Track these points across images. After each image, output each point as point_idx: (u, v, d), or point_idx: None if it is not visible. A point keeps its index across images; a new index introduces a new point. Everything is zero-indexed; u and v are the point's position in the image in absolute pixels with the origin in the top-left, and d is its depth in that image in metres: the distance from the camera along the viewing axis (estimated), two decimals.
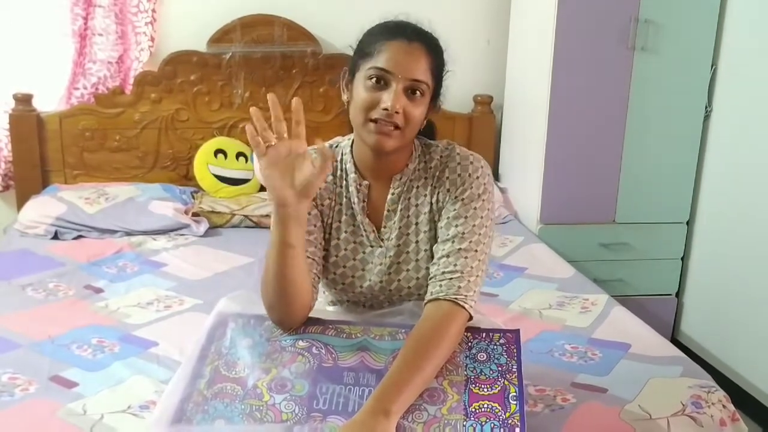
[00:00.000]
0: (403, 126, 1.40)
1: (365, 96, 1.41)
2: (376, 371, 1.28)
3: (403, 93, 1.39)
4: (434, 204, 1.51)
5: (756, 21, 2.81)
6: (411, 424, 1.19)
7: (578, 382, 1.85)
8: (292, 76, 3.25)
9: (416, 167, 1.53)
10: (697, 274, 3.17)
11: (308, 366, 1.29)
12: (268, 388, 1.24)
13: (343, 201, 1.54)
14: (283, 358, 1.30)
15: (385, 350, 1.33)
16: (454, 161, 1.50)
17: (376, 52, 1.41)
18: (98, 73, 3.13)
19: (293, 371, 1.27)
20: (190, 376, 1.30)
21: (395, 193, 1.52)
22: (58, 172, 3.17)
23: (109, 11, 3.07)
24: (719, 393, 1.80)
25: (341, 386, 1.25)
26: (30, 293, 2.31)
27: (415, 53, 1.40)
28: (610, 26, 2.90)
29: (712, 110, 3.04)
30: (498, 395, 1.24)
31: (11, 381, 1.77)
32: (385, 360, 1.31)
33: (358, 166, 1.53)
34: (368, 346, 1.33)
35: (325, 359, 1.30)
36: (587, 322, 2.24)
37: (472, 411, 1.21)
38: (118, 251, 2.67)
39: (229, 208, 3.01)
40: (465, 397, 1.24)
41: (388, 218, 1.53)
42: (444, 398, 1.24)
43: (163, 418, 1.19)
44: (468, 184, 1.48)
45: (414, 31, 1.44)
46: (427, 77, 1.42)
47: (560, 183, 3.04)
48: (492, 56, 3.45)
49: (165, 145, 3.23)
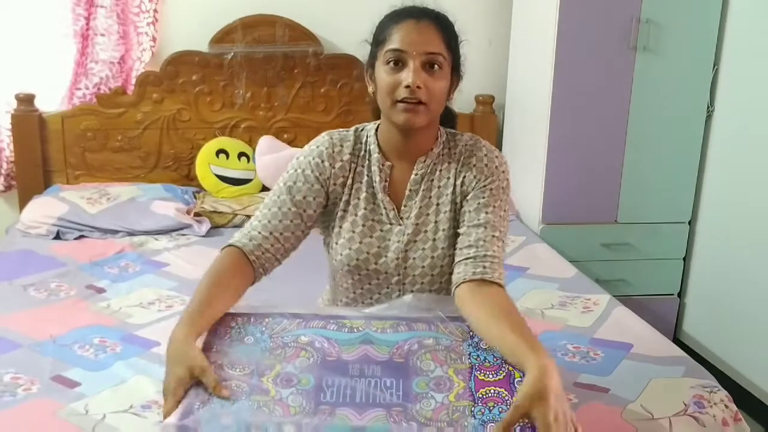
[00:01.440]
0: (428, 101, 1.45)
1: (387, 79, 1.46)
2: (381, 363, 1.29)
3: (422, 68, 1.44)
4: (458, 186, 1.55)
5: (758, 21, 2.80)
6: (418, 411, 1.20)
7: (580, 382, 1.85)
8: (294, 76, 3.26)
9: (441, 151, 1.58)
10: (699, 274, 3.17)
11: (312, 360, 1.29)
12: (273, 383, 1.24)
13: (364, 179, 1.57)
14: (286, 354, 1.30)
15: (388, 342, 1.33)
16: (481, 151, 1.56)
17: (389, 37, 1.47)
18: (100, 74, 3.14)
19: (297, 366, 1.27)
20: None
21: (419, 174, 1.56)
22: (60, 172, 3.18)
23: (111, 11, 3.08)
24: (721, 393, 1.80)
25: (347, 378, 1.25)
26: (32, 293, 2.31)
27: (425, 29, 1.46)
28: (612, 26, 2.90)
29: (713, 110, 3.04)
30: (503, 381, 1.25)
31: (13, 381, 1.77)
32: (388, 351, 1.31)
33: (382, 148, 1.57)
34: (371, 339, 1.34)
35: (329, 353, 1.31)
36: (589, 322, 2.23)
37: (479, 397, 1.22)
38: (120, 251, 2.67)
39: (231, 208, 3.02)
40: (471, 384, 1.25)
41: (410, 197, 1.56)
42: (450, 386, 1.24)
43: (170, 417, 1.19)
44: (496, 176, 1.54)
45: (421, 11, 1.49)
46: (442, 49, 1.46)
47: (562, 183, 3.03)
48: (494, 56, 3.45)
49: (167, 145, 3.23)
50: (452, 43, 1.50)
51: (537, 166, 3.06)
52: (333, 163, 1.56)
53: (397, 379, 1.25)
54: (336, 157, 1.56)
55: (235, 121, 3.27)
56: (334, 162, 1.56)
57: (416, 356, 1.30)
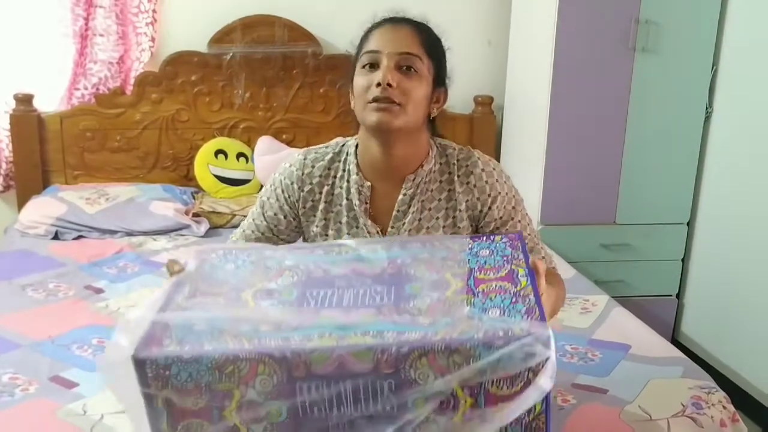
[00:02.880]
0: (403, 102, 1.37)
1: (360, 81, 1.41)
2: (371, 275, 1.19)
3: (396, 69, 1.38)
4: (461, 211, 1.48)
5: (757, 22, 2.80)
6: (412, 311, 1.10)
7: (578, 383, 1.85)
8: (293, 76, 3.26)
9: (432, 168, 1.49)
10: (697, 275, 3.17)
11: (296, 279, 1.19)
12: (253, 297, 1.15)
13: (344, 203, 1.50)
14: (268, 274, 1.21)
15: (380, 259, 1.24)
16: (478, 167, 1.48)
17: (366, 41, 1.43)
18: (99, 74, 3.13)
19: (280, 283, 1.18)
20: (166, 295, 1.18)
21: (407, 194, 1.48)
22: (59, 172, 3.17)
23: (110, 12, 3.08)
24: (719, 394, 1.80)
25: (333, 289, 1.16)
26: (30, 293, 2.31)
27: (401, 31, 1.41)
28: (611, 27, 2.90)
29: (712, 111, 3.04)
30: (506, 276, 1.16)
31: (11, 381, 1.77)
32: (381, 266, 1.22)
33: (361, 168, 1.49)
34: (361, 258, 1.25)
35: (314, 271, 1.21)
36: (587, 322, 2.24)
37: (479, 291, 1.13)
38: (119, 251, 2.67)
39: (230, 209, 3.02)
40: (471, 282, 1.16)
41: (397, 219, 1.49)
42: (447, 286, 1.15)
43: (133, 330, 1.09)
44: (499, 188, 1.49)
45: (401, 18, 1.45)
46: (418, 51, 1.39)
47: (561, 184, 3.03)
48: (493, 57, 3.45)
49: (165, 146, 3.23)
50: (432, 49, 1.43)
51: (536, 166, 3.06)
52: (302, 186, 1.51)
53: (389, 286, 1.17)
54: (305, 180, 1.51)
55: (234, 122, 3.27)
56: (303, 185, 1.51)
57: (410, 267, 1.21)
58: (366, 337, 1.03)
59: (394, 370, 1.02)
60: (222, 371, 1.04)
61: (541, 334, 1.00)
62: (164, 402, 1.06)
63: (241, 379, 1.04)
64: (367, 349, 1.02)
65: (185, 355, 1.03)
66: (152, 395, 1.05)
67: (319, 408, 1.05)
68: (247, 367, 1.03)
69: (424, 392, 1.03)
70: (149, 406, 1.06)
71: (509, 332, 1.01)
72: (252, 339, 1.05)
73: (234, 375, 1.04)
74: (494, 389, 1.04)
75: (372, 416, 1.04)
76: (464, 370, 1.01)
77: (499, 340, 1.01)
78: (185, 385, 1.04)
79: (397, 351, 1.02)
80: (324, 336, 1.04)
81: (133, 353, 1.02)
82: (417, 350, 1.02)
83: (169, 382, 1.04)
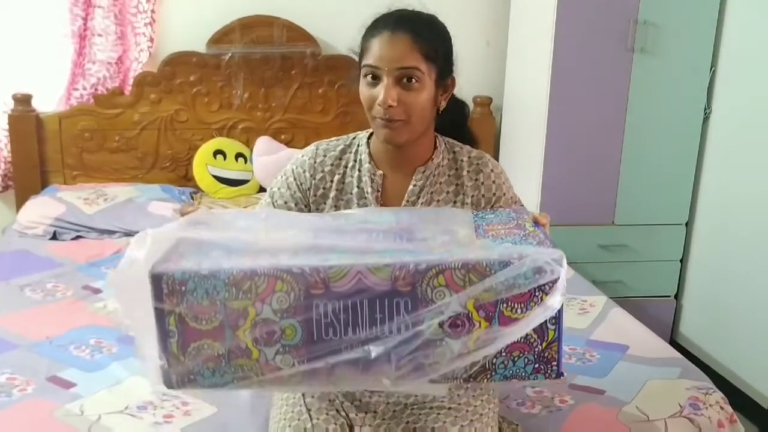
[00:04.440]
0: (406, 117, 1.41)
1: (365, 93, 1.44)
2: (381, 230, 1.20)
3: (397, 83, 1.40)
4: (467, 205, 1.53)
5: (755, 23, 2.81)
6: None
7: (576, 384, 1.85)
8: (292, 77, 3.25)
9: (440, 162, 1.55)
10: (696, 276, 3.17)
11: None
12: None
13: (354, 191, 1.54)
14: (257, 288, 1.06)
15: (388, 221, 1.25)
16: (488, 167, 1.55)
17: (366, 50, 1.44)
18: (97, 74, 3.13)
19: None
20: (183, 225, 1.14)
21: (417, 185, 1.53)
22: (57, 172, 3.17)
23: (109, 12, 3.07)
24: (717, 395, 1.80)
25: (345, 235, 1.16)
26: (28, 294, 2.31)
27: (399, 42, 1.40)
28: (610, 28, 2.90)
29: (711, 112, 3.04)
30: (514, 227, 1.22)
31: (9, 381, 1.77)
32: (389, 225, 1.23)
33: (374, 157, 1.54)
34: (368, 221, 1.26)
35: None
36: (586, 323, 2.24)
37: (490, 235, 1.18)
38: (117, 252, 2.67)
39: (228, 209, 3.01)
40: (480, 230, 1.22)
41: (406, 207, 1.54)
42: (457, 232, 1.19)
43: None
44: (504, 190, 1.55)
45: (398, 20, 1.44)
46: (417, 62, 1.40)
47: (559, 184, 3.03)
48: (491, 57, 3.45)
49: (164, 146, 3.23)
50: (432, 52, 1.42)
51: (534, 167, 3.06)
52: (314, 174, 1.54)
53: (400, 234, 1.19)
54: (317, 168, 1.54)
55: (232, 122, 3.27)
56: (315, 173, 1.54)
57: (418, 224, 1.24)
58: (384, 258, 1.06)
59: (411, 287, 1.04)
60: (239, 287, 1.03)
61: (553, 253, 1.06)
62: (177, 320, 1.04)
63: (257, 295, 1.03)
64: (385, 265, 1.04)
65: (203, 270, 1.03)
66: (165, 311, 1.04)
67: (335, 329, 1.05)
68: (265, 284, 1.03)
69: (440, 311, 1.04)
70: (160, 325, 1.04)
71: (523, 253, 1.06)
72: (270, 260, 1.04)
73: (251, 291, 1.03)
74: (508, 312, 1.05)
75: (386, 336, 1.05)
76: (478, 285, 1.03)
77: (514, 258, 1.05)
78: (200, 301, 1.03)
79: (414, 268, 1.04)
80: (342, 257, 1.05)
81: (150, 268, 1.01)
82: (434, 268, 1.04)
83: (185, 297, 1.03)
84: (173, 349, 1.04)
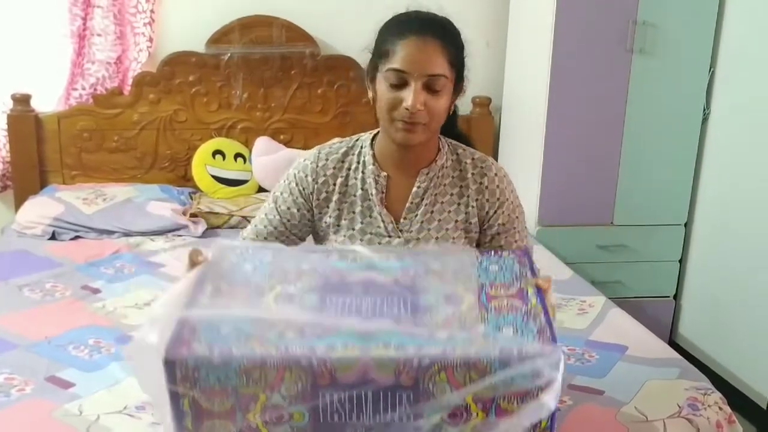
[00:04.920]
0: (427, 120, 1.43)
1: (388, 96, 1.42)
2: (385, 284, 1.24)
3: (423, 89, 1.40)
4: (472, 208, 1.55)
5: (754, 24, 2.81)
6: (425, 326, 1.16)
7: (575, 384, 1.85)
8: (291, 77, 3.25)
9: (444, 164, 1.55)
10: (694, 277, 3.17)
11: (314, 283, 1.24)
12: (275, 302, 1.20)
13: (358, 193, 1.54)
14: (287, 277, 1.25)
15: (393, 269, 1.29)
16: (492, 171, 1.56)
17: (392, 53, 1.42)
18: (97, 74, 3.13)
19: (299, 287, 1.23)
20: (188, 294, 1.21)
21: (421, 187, 1.54)
22: (56, 172, 3.17)
23: (108, 12, 3.07)
24: (715, 395, 1.80)
25: (352, 296, 1.21)
26: (27, 294, 2.31)
27: (429, 48, 1.40)
28: (609, 28, 2.90)
29: (710, 113, 3.04)
30: (516, 294, 1.23)
31: (8, 381, 1.77)
32: (394, 276, 1.27)
33: (377, 159, 1.54)
34: (374, 266, 1.30)
35: (331, 276, 1.26)
36: (584, 324, 2.24)
37: (492, 307, 1.19)
38: (116, 252, 2.67)
39: (227, 209, 3.01)
40: (483, 297, 1.22)
41: (410, 210, 1.55)
42: (461, 300, 1.21)
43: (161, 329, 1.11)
44: (507, 195, 1.56)
45: (425, 24, 1.44)
46: (445, 69, 1.42)
47: (558, 185, 3.04)
48: (491, 58, 3.45)
49: (163, 146, 3.23)
50: (456, 58, 1.46)
51: (533, 167, 3.06)
52: (316, 178, 1.55)
53: (404, 297, 1.22)
54: (319, 172, 1.55)
55: (231, 122, 3.27)
56: (317, 177, 1.55)
57: (422, 279, 1.27)
58: (388, 350, 1.10)
59: (414, 382, 1.09)
60: (249, 376, 1.08)
61: (552, 356, 1.09)
62: (190, 402, 1.09)
63: (267, 384, 1.09)
64: (389, 360, 1.09)
65: (215, 359, 1.07)
66: (179, 394, 1.08)
67: (340, 414, 1.11)
68: (274, 373, 1.09)
69: (440, 405, 1.10)
70: (174, 404, 1.09)
71: (523, 351, 1.09)
72: (278, 345, 1.09)
73: (261, 380, 1.09)
74: (505, 404, 1.11)
75: (388, 423, 1.11)
76: (479, 383, 1.08)
77: (513, 359, 1.08)
78: (213, 387, 1.08)
79: (418, 364, 1.08)
80: (348, 346, 1.10)
81: (164, 354, 1.06)
82: (437, 364, 1.08)
83: (198, 383, 1.08)
84: (187, 425, 1.11)
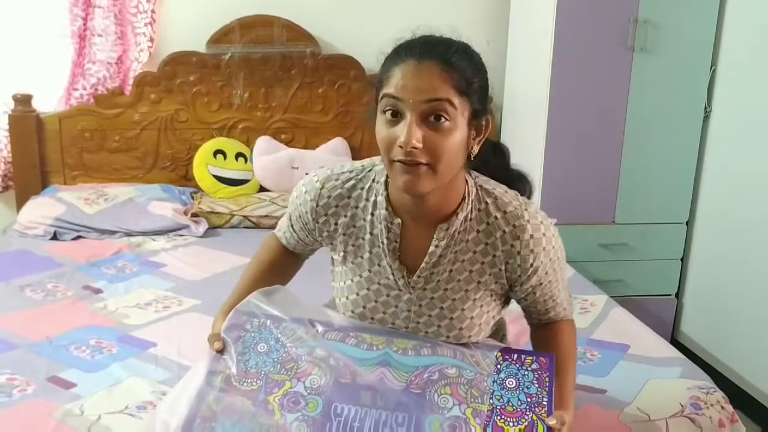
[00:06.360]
0: (431, 161, 1.17)
1: (383, 133, 1.20)
2: (396, 392, 1.23)
3: (423, 121, 1.17)
4: (500, 270, 1.32)
5: (755, 21, 2.80)
6: None
7: (577, 383, 1.83)
8: (292, 76, 3.25)
9: (467, 216, 1.31)
10: (696, 275, 3.17)
11: (324, 381, 1.24)
12: (279, 405, 1.21)
13: (366, 237, 1.35)
14: (298, 369, 1.26)
15: (408, 367, 1.26)
16: (526, 233, 1.30)
17: (386, 79, 1.20)
18: (97, 74, 3.13)
19: (308, 386, 1.24)
20: (200, 384, 1.25)
21: (440, 246, 1.30)
22: (58, 172, 3.17)
23: (109, 12, 3.07)
24: (718, 394, 1.80)
25: (357, 407, 1.21)
26: (28, 294, 2.31)
27: (426, 72, 1.17)
28: (609, 27, 2.90)
29: (711, 111, 3.04)
30: (525, 430, 1.20)
31: (9, 382, 1.76)
32: (406, 379, 1.25)
33: (391, 202, 1.31)
34: (389, 361, 1.27)
35: (343, 374, 1.25)
36: (586, 322, 2.23)
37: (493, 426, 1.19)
38: (117, 252, 2.67)
39: (229, 209, 3.01)
40: (489, 430, 1.19)
41: (425, 269, 1.33)
42: (467, 430, 1.19)
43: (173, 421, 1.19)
44: (543, 258, 1.32)
45: (424, 47, 1.20)
46: (448, 94, 1.17)
47: (560, 183, 3.03)
48: (491, 57, 3.38)
49: (164, 146, 3.23)
50: (465, 84, 1.20)
51: (535, 166, 3.05)
52: (317, 218, 1.39)
53: (410, 415, 1.20)
54: (320, 212, 1.38)
55: (232, 122, 3.26)
56: (317, 216, 1.38)
57: (434, 388, 1.24)
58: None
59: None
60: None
61: None
62: None
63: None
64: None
65: None
66: None
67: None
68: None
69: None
70: None
71: None
72: None
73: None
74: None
75: None
76: None
77: None
78: None
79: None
80: None
81: None
82: None
83: None
84: None
